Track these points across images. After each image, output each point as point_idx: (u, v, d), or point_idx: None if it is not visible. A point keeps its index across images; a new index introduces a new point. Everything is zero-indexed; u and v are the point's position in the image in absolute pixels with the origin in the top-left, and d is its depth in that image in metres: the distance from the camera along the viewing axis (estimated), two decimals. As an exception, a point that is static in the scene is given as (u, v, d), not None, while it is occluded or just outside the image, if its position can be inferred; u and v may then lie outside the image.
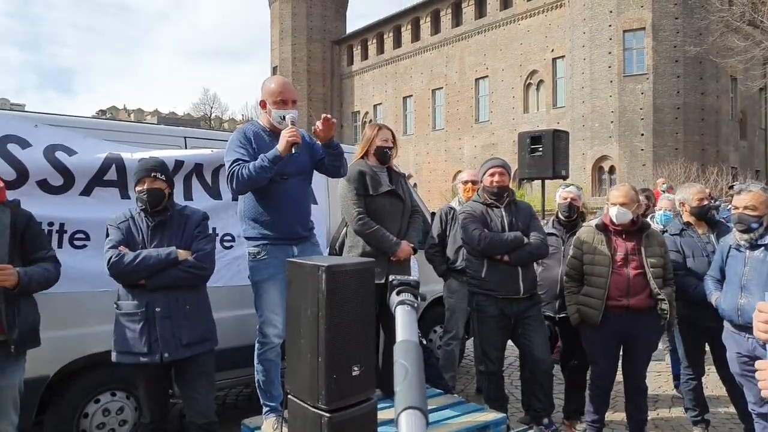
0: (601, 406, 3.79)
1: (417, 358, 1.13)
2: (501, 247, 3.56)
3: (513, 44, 33.54)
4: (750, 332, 3.18)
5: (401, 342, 1.19)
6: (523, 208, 3.80)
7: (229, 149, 3.14)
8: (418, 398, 1.01)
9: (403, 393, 1.03)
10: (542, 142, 9.35)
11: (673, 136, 25.26)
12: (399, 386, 1.06)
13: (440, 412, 3.34)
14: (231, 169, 3.03)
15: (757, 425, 3.37)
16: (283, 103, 3.20)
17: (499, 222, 3.66)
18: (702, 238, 3.91)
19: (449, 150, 37.59)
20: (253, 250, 3.20)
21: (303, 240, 3.32)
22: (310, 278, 2.10)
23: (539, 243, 3.64)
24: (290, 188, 3.25)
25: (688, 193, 3.99)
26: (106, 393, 3.46)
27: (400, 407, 1.00)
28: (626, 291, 3.53)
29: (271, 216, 3.18)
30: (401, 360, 1.12)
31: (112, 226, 2.88)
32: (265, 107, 3.25)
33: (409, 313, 1.34)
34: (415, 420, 0.98)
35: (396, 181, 3.59)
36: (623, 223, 3.60)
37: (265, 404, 3.22)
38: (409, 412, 0.98)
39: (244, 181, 3.01)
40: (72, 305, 3.29)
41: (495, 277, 3.60)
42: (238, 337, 3.82)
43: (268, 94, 3.23)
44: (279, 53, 45.38)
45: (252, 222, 3.21)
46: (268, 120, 3.26)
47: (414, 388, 1.05)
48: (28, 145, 3.12)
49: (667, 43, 25.17)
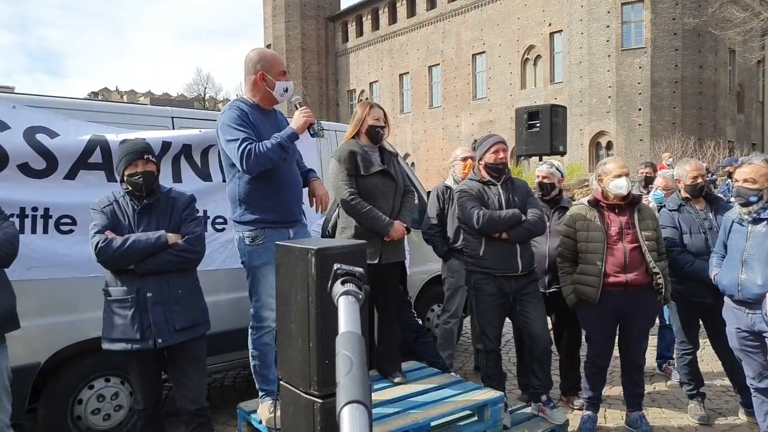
0: (597, 383, 3.78)
1: (361, 350, 1.09)
2: (499, 225, 3.52)
3: (510, 18, 33.13)
4: (750, 307, 3.16)
5: (345, 333, 1.15)
6: (519, 185, 3.75)
7: (229, 128, 2.95)
8: (361, 392, 0.98)
9: (347, 387, 0.99)
10: (540, 117, 9.26)
11: (670, 110, 25.12)
12: (342, 379, 1.01)
13: (438, 391, 3.33)
14: (244, 148, 2.87)
15: (755, 399, 3.38)
16: (284, 75, 3.11)
17: (496, 200, 3.60)
18: (700, 214, 3.86)
19: (447, 128, 37.37)
20: (250, 234, 3.09)
21: (297, 222, 3.26)
22: (300, 262, 2.05)
23: (537, 220, 3.59)
24: (290, 170, 3.18)
25: (684, 170, 3.92)
26: (100, 379, 3.43)
27: (342, 401, 0.96)
28: (623, 266, 3.49)
29: (272, 199, 3.08)
30: (345, 351, 1.07)
31: (96, 210, 2.79)
32: (264, 79, 3.10)
33: (353, 303, 1.30)
34: (358, 414, 0.93)
35: (388, 161, 3.52)
36: (621, 195, 3.55)
37: (261, 389, 3.19)
38: (353, 406, 0.94)
39: (262, 160, 2.88)
40: (62, 291, 3.24)
41: (493, 255, 3.56)
42: (236, 320, 3.81)
43: (272, 64, 3.11)
44: (272, 31, 44.75)
45: (249, 206, 3.07)
46: (264, 94, 3.11)
47: (357, 382, 1.01)
48: (6, 127, 3.03)
49: (665, 15, 24.88)
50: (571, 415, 3.95)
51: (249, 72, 3.14)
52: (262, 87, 3.11)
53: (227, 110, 3.06)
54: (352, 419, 0.91)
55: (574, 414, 4.01)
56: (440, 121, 37.84)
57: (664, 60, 25.01)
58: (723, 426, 3.88)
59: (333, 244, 2.13)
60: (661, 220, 3.86)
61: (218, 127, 3.06)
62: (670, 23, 24.91)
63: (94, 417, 3.38)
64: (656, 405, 4.27)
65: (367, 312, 2.21)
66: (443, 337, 4.65)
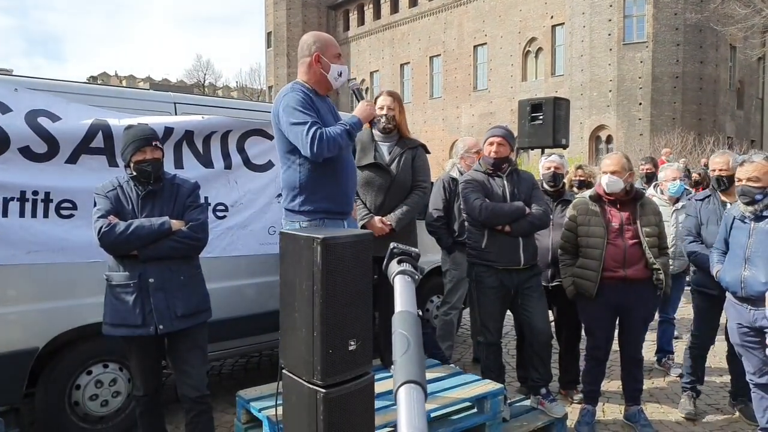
0: (596, 376, 3.79)
1: (417, 331, 1.07)
2: (502, 218, 3.50)
3: (512, 11, 32.96)
4: (753, 304, 3.16)
5: (401, 312, 1.13)
6: (525, 177, 3.72)
7: (294, 110, 2.79)
8: (418, 372, 0.98)
9: (404, 366, 0.99)
10: (543, 110, 9.20)
11: (671, 105, 25.10)
12: (399, 358, 1.00)
13: (438, 383, 3.32)
14: (314, 132, 2.72)
15: (754, 395, 3.38)
16: (339, 58, 3.03)
17: (500, 191, 3.58)
18: (723, 207, 3.82)
19: (447, 119, 37.27)
20: (308, 225, 2.93)
21: (349, 214, 3.15)
22: (305, 251, 2.02)
23: (541, 213, 3.57)
24: (348, 158, 3.07)
25: (714, 161, 3.94)
26: (98, 365, 3.41)
27: (399, 380, 0.94)
28: (622, 262, 3.49)
29: (334, 187, 2.94)
30: (402, 330, 1.06)
31: (100, 195, 2.76)
32: (319, 61, 2.98)
33: (409, 284, 1.27)
34: (415, 395, 0.92)
35: (396, 153, 3.50)
36: (614, 191, 3.55)
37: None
38: (410, 386, 0.94)
39: (331, 145, 2.74)
40: (61, 276, 3.21)
41: (495, 247, 3.54)
42: (235, 308, 3.79)
43: (327, 46, 2.99)
44: (273, 18, 44.46)
45: (310, 194, 2.90)
46: (318, 78, 2.98)
47: (415, 362, 1.00)
48: (8, 110, 2.99)
49: (667, 10, 24.80)
50: (570, 409, 3.95)
51: (303, 54, 3.01)
52: (317, 69, 2.98)
53: (289, 92, 2.89)
54: (409, 400, 0.90)
55: (572, 407, 4.02)
56: (440, 111, 37.73)
57: (665, 55, 24.95)
58: (721, 422, 3.89)
59: (339, 234, 2.10)
60: (687, 209, 3.98)
61: (279, 109, 2.87)
62: (671, 18, 24.84)
63: (92, 403, 3.36)
64: (654, 400, 4.28)
65: (371, 301, 2.19)
66: (443, 328, 4.64)
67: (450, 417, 3.12)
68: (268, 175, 3.97)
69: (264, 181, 3.97)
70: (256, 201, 3.92)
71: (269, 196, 3.98)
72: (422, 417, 0.91)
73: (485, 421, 3.16)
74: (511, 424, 3.39)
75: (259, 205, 3.93)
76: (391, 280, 1.28)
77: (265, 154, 3.96)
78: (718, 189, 3.88)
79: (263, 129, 3.90)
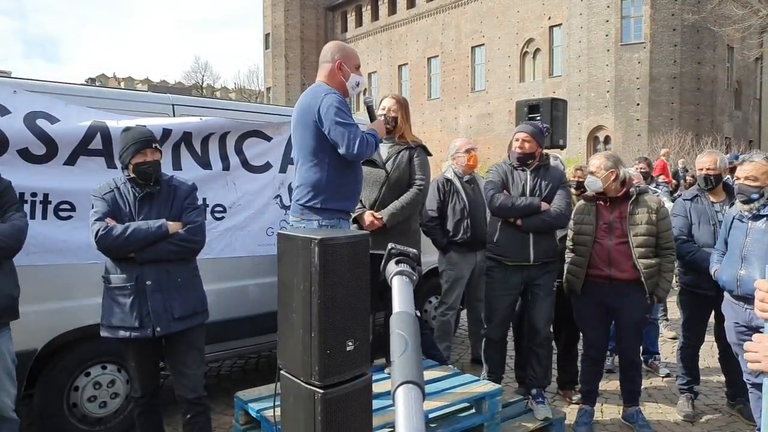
0: (593, 376, 3.80)
1: (415, 331, 1.08)
2: (512, 212, 3.54)
3: (510, 11, 32.99)
4: (749, 303, 3.17)
5: (399, 313, 1.13)
6: (553, 174, 3.71)
7: (341, 110, 2.87)
8: (416, 373, 0.98)
9: (402, 367, 0.99)
10: (540, 110, 9.20)
11: (668, 105, 25.14)
12: (397, 358, 1.00)
13: (436, 383, 3.32)
14: (362, 134, 2.88)
15: (751, 395, 3.38)
16: (358, 69, 3.16)
17: (521, 185, 3.62)
18: (713, 207, 3.86)
19: (445, 120, 37.29)
20: (329, 222, 2.98)
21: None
22: (302, 251, 2.03)
23: (557, 213, 3.56)
24: (359, 164, 3.20)
25: (699, 161, 3.97)
26: (97, 366, 3.42)
27: (397, 381, 0.95)
28: (608, 261, 3.52)
29: (354, 188, 3.10)
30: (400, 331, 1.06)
31: (97, 197, 2.76)
32: (341, 68, 3.07)
33: (407, 284, 1.27)
34: (413, 395, 0.93)
35: (393, 151, 3.53)
36: (595, 190, 3.58)
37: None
38: (408, 387, 0.94)
39: (370, 150, 2.96)
40: (60, 277, 3.22)
41: (505, 241, 3.59)
42: (233, 309, 3.80)
43: (349, 56, 3.12)
44: (271, 20, 44.44)
45: (333, 192, 2.97)
46: (338, 85, 3.06)
47: (413, 363, 1.01)
48: (7, 112, 2.99)
49: (665, 10, 24.84)
50: (568, 409, 3.96)
51: (326, 60, 3.09)
52: (338, 76, 3.07)
53: (329, 93, 2.94)
54: (407, 400, 0.91)
55: (570, 408, 4.02)
56: (438, 112, 37.74)
57: (662, 55, 24.99)
58: (720, 422, 3.90)
59: (336, 234, 2.11)
60: (674, 209, 3.93)
61: (323, 106, 2.88)
62: (669, 19, 24.88)
63: (90, 404, 3.37)
64: (653, 400, 4.29)
65: (369, 301, 2.19)
66: (441, 329, 4.65)
67: (448, 417, 3.13)
68: (266, 176, 3.98)
69: (262, 182, 3.98)
70: (254, 202, 3.93)
71: (267, 197, 3.99)
72: (420, 417, 0.91)
73: (483, 421, 3.16)
74: (509, 424, 3.40)
75: (257, 207, 3.94)
76: (389, 281, 1.29)
77: (263, 156, 3.97)
78: (705, 188, 3.91)
79: (261, 130, 3.91)
